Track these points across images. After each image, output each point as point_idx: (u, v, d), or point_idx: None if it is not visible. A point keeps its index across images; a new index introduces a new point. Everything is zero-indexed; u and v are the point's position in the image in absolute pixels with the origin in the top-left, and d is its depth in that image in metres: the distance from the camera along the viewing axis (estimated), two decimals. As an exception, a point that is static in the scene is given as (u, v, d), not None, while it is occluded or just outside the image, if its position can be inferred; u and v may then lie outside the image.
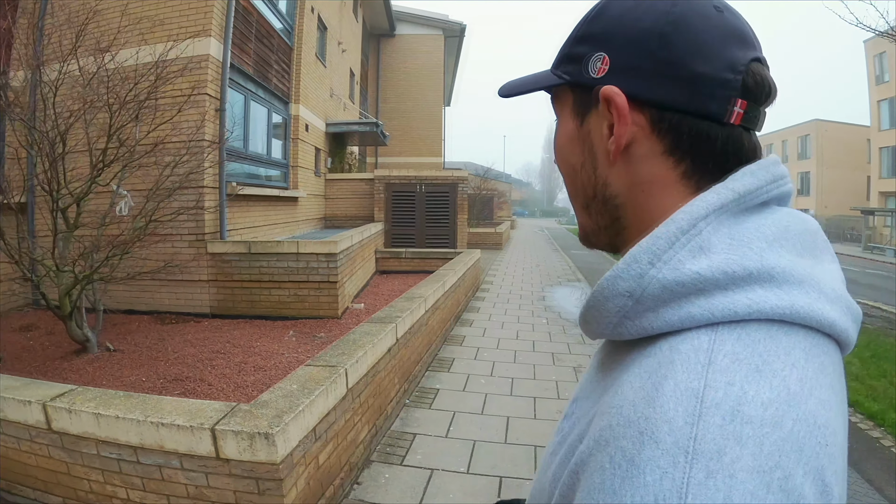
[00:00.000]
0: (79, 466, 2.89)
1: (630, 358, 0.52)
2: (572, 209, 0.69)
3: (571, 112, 0.64)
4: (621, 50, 0.57)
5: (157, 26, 6.78)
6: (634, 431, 0.43)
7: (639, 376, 0.47)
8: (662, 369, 0.46)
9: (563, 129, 0.65)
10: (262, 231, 9.04)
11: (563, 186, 16.07)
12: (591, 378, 0.63)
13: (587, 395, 0.60)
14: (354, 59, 17.32)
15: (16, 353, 4.99)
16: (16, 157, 5.16)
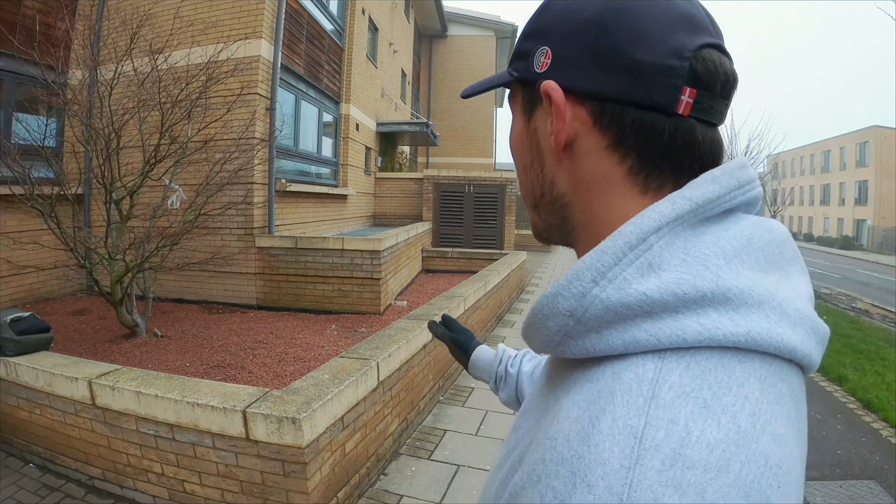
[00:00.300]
0: (118, 441, 3.06)
1: (573, 378, 0.48)
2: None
3: (522, 109, 0.61)
4: (561, 42, 0.54)
5: (209, 28, 7.05)
6: (567, 471, 0.40)
7: (577, 405, 0.44)
8: (601, 401, 0.42)
9: (515, 128, 0.63)
10: (310, 227, 9.25)
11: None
12: (539, 390, 0.60)
13: (533, 409, 0.57)
14: (406, 59, 17.50)
15: (68, 335, 5.29)
16: (73, 152, 5.45)
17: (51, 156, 4.79)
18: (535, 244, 21.11)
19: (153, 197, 5.75)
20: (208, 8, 7.21)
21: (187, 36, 6.62)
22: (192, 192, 5.64)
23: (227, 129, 5.95)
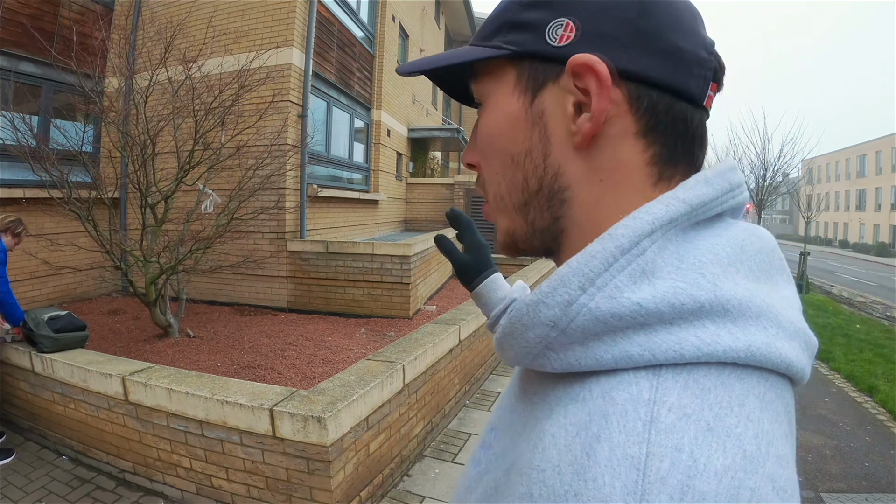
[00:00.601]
0: (149, 435, 3.16)
1: (554, 395, 0.44)
2: (486, 211, 0.59)
3: (516, 89, 0.51)
4: (594, 16, 0.48)
5: (242, 38, 7.22)
6: None
7: (565, 429, 0.39)
8: (594, 425, 0.38)
9: (500, 112, 0.53)
10: (341, 231, 9.36)
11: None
12: (510, 403, 0.55)
13: (506, 427, 0.52)
14: (438, 65, 17.56)
15: (102, 334, 5.47)
16: (110, 157, 5.64)
17: (88, 161, 4.96)
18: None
19: (187, 201, 5.91)
20: (240, 17, 7.38)
21: (220, 45, 6.80)
22: (225, 197, 5.77)
23: (259, 136, 6.08)
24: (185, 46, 5.53)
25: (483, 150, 0.55)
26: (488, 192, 0.56)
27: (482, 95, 0.55)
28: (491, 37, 0.53)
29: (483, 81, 0.55)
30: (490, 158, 0.54)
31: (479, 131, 0.56)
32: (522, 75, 0.51)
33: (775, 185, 15.20)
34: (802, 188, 24.61)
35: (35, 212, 5.77)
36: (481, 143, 0.55)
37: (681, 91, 0.47)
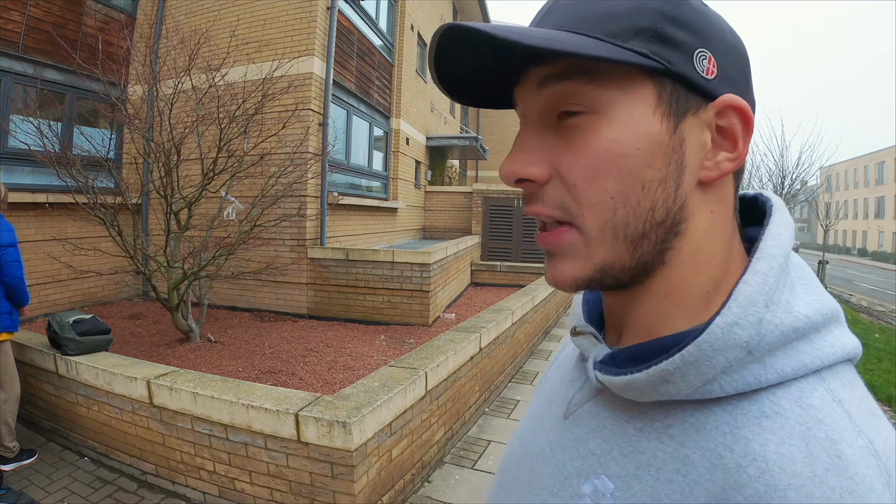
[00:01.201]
0: (173, 438, 3.18)
1: (701, 420, 0.44)
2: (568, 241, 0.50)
3: (657, 109, 0.46)
4: (725, 55, 0.47)
5: (264, 47, 7.31)
6: None
7: (789, 444, 0.39)
8: (819, 432, 0.39)
9: (637, 131, 0.46)
10: (360, 239, 9.41)
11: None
12: (617, 446, 0.50)
13: (632, 473, 0.47)
14: (456, 74, 17.64)
15: (124, 338, 5.53)
16: (134, 164, 5.72)
17: (112, 167, 5.03)
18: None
19: (210, 208, 5.98)
20: (262, 27, 7.48)
21: (243, 54, 6.88)
22: (247, 204, 5.83)
23: (281, 144, 6.14)
24: (210, 55, 5.62)
25: (593, 171, 0.47)
26: (587, 216, 0.48)
27: (599, 102, 0.47)
28: (627, 38, 0.45)
29: (604, 86, 0.46)
30: (607, 180, 0.46)
31: (598, 147, 0.47)
32: (665, 96, 0.46)
33: (794, 193, 15.01)
34: (821, 196, 24.29)
35: (58, 216, 5.88)
36: (592, 161, 0.47)
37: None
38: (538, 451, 0.59)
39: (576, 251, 0.49)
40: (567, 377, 0.62)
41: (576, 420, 0.55)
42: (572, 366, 0.62)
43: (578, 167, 0.47)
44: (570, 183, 0.48)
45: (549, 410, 0.62)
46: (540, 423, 0.62)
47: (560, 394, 0.61)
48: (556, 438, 0.57)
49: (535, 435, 0.62)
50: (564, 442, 0.55)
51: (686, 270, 0.48)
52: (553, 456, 0.56)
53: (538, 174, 0.49)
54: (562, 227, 0.49)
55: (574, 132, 0.48)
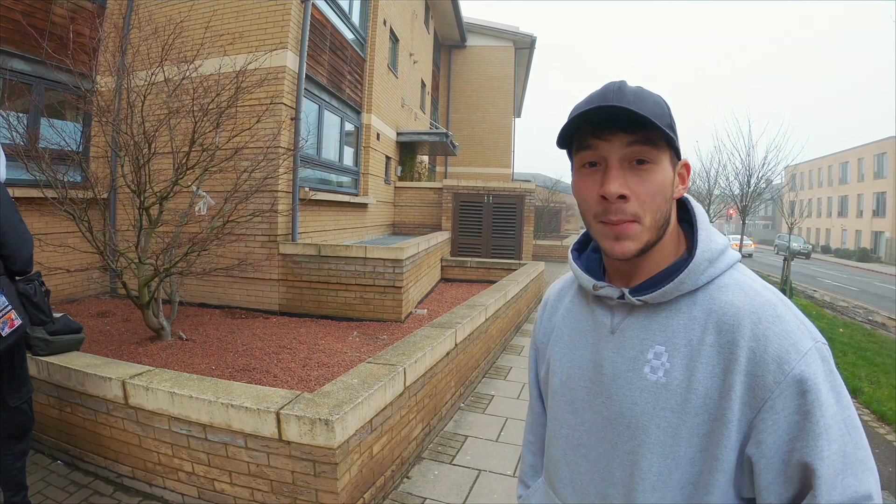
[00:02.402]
0: (150, 440, 3.12)
1: (693, 299, 0.90)
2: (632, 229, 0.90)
3: (670, 163, 0.91)
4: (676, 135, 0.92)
5: (238, 40, 7.18)
6: (800, 327, 0.83)
7: (735, 294, 0.87)
8: (743, 287, 0.88)
9: (667, 175, 0.90)
10: (331, 235, 9.34)
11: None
12: (656, 329, 0.92)
13: (668, 337, 0.90)
14: (426, 69, 17.64)
15: (93, 337, 5.38)
16: (105, 157, 5.58)
17: (81, 161, 4.89)
18: (554, 255, 21.05)
19: (181, 203, 5.86)
20: (236, 19, 7.35)
21: (217, 46, 6.76)
22: (219, 200, 5.73)
23: (254, 139, 6.06)
24: (183, 47, 5.50)
25: (654, 193, 0.88)
26: (646, 217, 0.89)
27: (655, 158, 0.89)
28: (667, 126, 0.87)
29: (658, 150, 0.89)
30: (657, 198, 0.89)
31: (656, 181, 0.89)
32: (673, 157, 0.92)
33: (759, 191, 15.35)
34: (786, 194, 24.95)
35: (25, 211, 5.66)
36: (657, 187, 0.89)
37: None
38: (602, 360, 0.97)
39: (638, 234, 0.89)
40: (588, 319, 1.04)
41: (623, 331, 0.96)
42: (589, 312, 1.04)
43: (648, 191, 0.89)
44: (642, 199, 0.88)
45: (587, 340, 1.02)
46: (582, 351, 1.03)
47: (589, 328, 1.03)
48: (613, 344, 0.96)
49: (583, 355, 1.02)
50: (622, 341, 0.95)
51: (668, 241, 0.95)
52: (616, 352, 0.95)
53: (630, 194, 0.88)
54: (630, 223, 0.88)
55: (645, 173, 0.89)
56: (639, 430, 0.89)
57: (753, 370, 0.79)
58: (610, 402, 0.94)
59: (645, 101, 0.87)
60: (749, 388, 0.79)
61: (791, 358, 0.78)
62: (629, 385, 0.92)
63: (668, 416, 0.86)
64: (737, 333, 0.82)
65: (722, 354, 0.83)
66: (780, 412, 0.77)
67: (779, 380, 0.77)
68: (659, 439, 0.87)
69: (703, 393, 0.83)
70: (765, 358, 0.79)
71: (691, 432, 0.84)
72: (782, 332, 0.80)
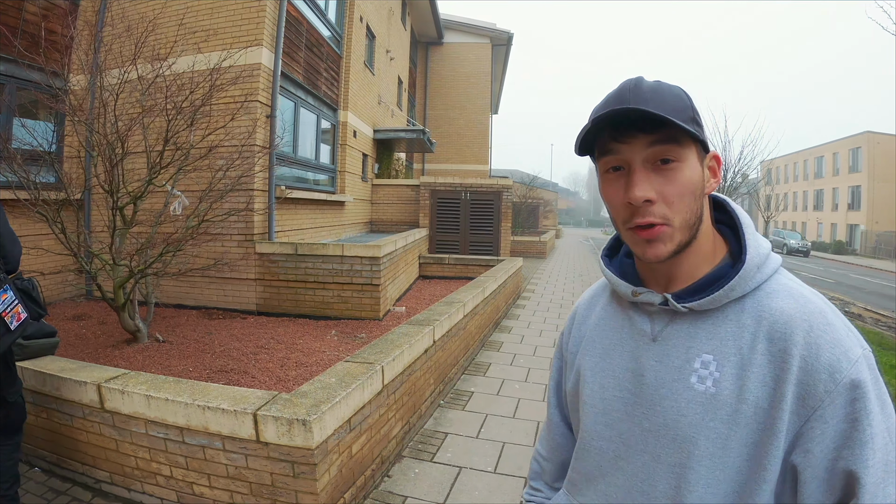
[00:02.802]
0: (127, 444, 3.09)
1: (740, 306, 0.87)
2: (662, 231, 0.87)
3: (697, 160, 0.88)
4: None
5: (212, 37, 7.11)
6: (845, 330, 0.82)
7: (785, 301, 0.85)
8: (792, 293, 0.86)
9: (695, 172, 0.88)
10: (308, 233, 9.30)
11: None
12: (703, 336, 0.89)
13: (716, 345, 0.87)
14: (402, 66, 17.60)
15: (69, 340, 5.30)
16: (77, 157, 5.48)
17: (54, 161, 4.81)
18: (531, 251, 21.19)
19: (156, 203, 5.80)
20: (210, 16, 7.26)
21: (190, 44, 6.68)
22: (195, 199, 5.68)
23: (229, 137, 6.00)
24: (156, 45, 5.43)
25: (682, 193, 0.86)
26: (675, 218, 0.86)
27: (681, 156, 0.86)
28: (688, 122, 0.85)
29: (683, 147, 0.86)
30: (685, 198, 0.86)
31: (683, 181, 0.86)
32: (699, 152, 0.89)
33: (735, 185, 15.61)
34: (762, 189, 25.36)
35: (-5, 213, 5.56)
36: (684, 187, 0.86)
37: None
38: (643, 370, 0.94)
39: (668, 238, 0.87)
40: (625, 326, 1.01)
41: (665, 338, 0.93)
42: (625, 320, 1.01)
43: (675, 192, 0.86)
44: (669, 200, 0.86)
45: (624, 349, 0.99)
46: (618, 360, 1.00)
47: (626, 336, 0.99)
48: (655, 353, 0.93)
49: (620, 364, 0.99)
50: (665, 350, 0.92)
51: (703, 241, 0.92)
52: (659, 361, 0.92)
53: (655, 197, 0.85)
54: (660, 226, 0.86)
55: (671, 172, 0.86)
56: (686, 441, 0.86)
57: (805, 379, 0.78)
58: (652, 413, 0.91)
59: (664, 97, 0.85)
60: (799, 397, 0.78)
61: (842, 367, 0.76)
62: (674, 395, 0.89)
63: (719, 427, 0.83)
64: (789, 342, 0.80)
65: (773, 363, 0.81)
66: (830, 421, 0.76)
67: (830, 389, 0.76)
68: (708, 451, 0.84)
69: (754, 402, 0.81)
70: (817, 367, 0.78)
71: (741, 442, 0.82)
72: (834, 340, 0.78)
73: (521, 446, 4.17)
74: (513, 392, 5.36)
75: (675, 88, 0.89)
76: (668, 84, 0.89)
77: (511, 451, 4.06)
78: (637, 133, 0.85)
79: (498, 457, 3.97)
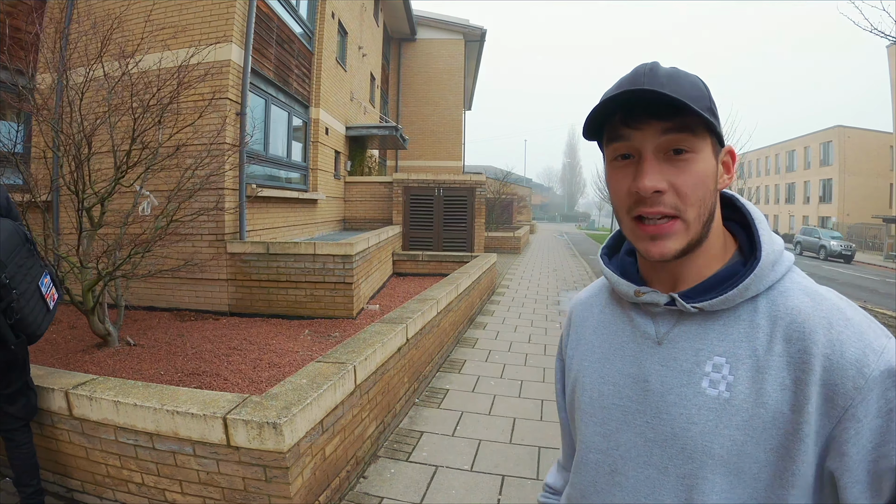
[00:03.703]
0: (97, 451, 3.04)
1: (753, 305, 0.83)
2: (673, 227, 0.83)
3: (712, 152, 0.83)
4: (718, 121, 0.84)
5: (180, 33, 6.99)
6: (872, 326, 0.76)
7: (800, 298, 0.81)
8: (808, 291, 0.82)
9: (709, 165, 0.83)
10: (281, 232, 9.22)
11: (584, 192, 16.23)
12: (714, 338, 0.84)
13: (731, 352, 0.82)
14: (375, 63, 17.51)
15: (38, 346, 5.17)
16: (43, 158, 5.36)
17: (20, 162, 4.70)
18: (506, 246, 21.27)
19: (123, 203, 5.69)
20: (178, 11, 7.15)
21: (158, 41, 6.56)
22: (163, 199, 5.59)
23: (198, 135, 5.92)
24: (123, 41, 5.32)
25: (695, 185, 0.81)
26: (688, 212, 0.81)
27: (695, 147, 0.81)
28: (706, 110, 0.79)
29: (698, 137, 0.81)
30: (698, 190, 0.81)
31: (697, 172, 0.81)
32: (714, 144, 0.84)
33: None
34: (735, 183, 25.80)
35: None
36: (698, 179, 0.81)
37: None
38: (647, 375, 0.88)
39: (679, 233, 0.82)
40: (626, 329, 0.95)
41: (672, 341, 0.87)
42: (626, 322, 0.95)
43: (688, 184, 0.81)
44: (682, 193, 0.81)
45: (625, 353, 0.93)
46: (618, 365, 0.93)
47: (628, 340, 0.93)
48: (660, 357, 0.88)
49: (620, 369, 0.93)
50: (672, 353, 0.87)
51: (713, 239, 0.87)
52: (666, 365, 0.87)
53: (666, 188, 0.80)
54: (671, 221, 0.82)
55: (684, 163, 0.81)
56: (697, 451, 0.80)
57: (831, 379, 0.73)
58: (658, 422, 0.85)
59: (681, 83, 0.79)
60: (827, 398, 0.73)
61: (870, 360, 0.72)
62: (683, 402, 0.83)
63: (734, 434, 0.78)
64: (808, 341, 0.75)
65: (792, 364, 0.76)
66: (864, 419, 0.71)
67: (859, 385, 0.71)
68: (723, 459, 0.78)
69: (774, 407, 0.76)
70: (843, 364, 0.73)
71: (759, 448, 0.77)
72: (856, 334, 0.74)
73: (498, 443, 4.19)
74: (488, 389, 5.39)
75: (692, 76, 0.83)
76: (686, 71, 0.84)
77: (487, 449, 4.09)
78: (650, 119, 0.80)
79: (474, 455, 3.99)
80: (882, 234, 35.76)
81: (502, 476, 3.70)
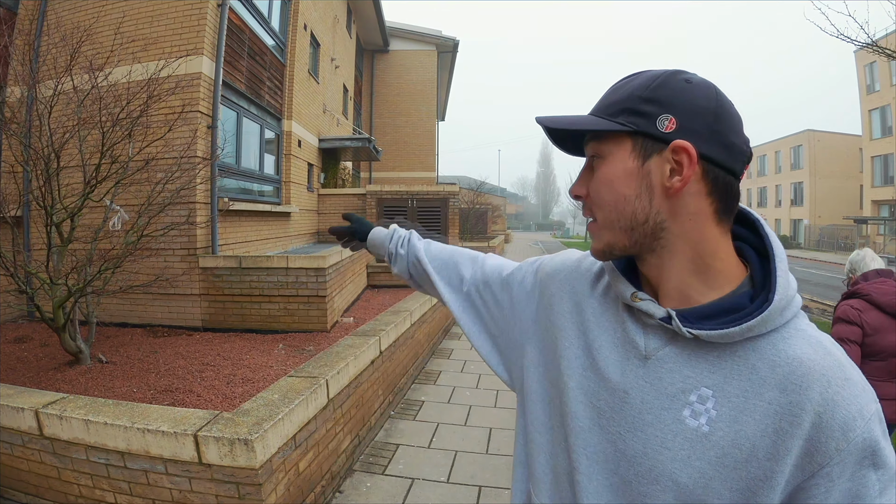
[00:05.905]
0: (69, 471, 3.01)
1: (754, 345, 0.78)
2: (593, 228, 0.88)
3: (632, 154, 0.82)
4: (686, 116, 0.79)
5: (151, 45, 6.94)
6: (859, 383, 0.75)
7: (803, 347, 0.77)
8: (811, 340, 0.78)
9: (618, 167, 0.83)
10: (254, 246, 9.15)
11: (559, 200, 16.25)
12: (705, 369, 0.80)
13: (721, 384, 0.78)
14: (348, 74, 17.53)
15: (10, 364, 5.07)
16: (12, 172, 5.27)
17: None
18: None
19: (94, 218, 5.61)
20: (149, 24, 7.09)
21: (128, 53, 6.51)
22: (134, 213, 5.53)
23: (168, 149, 5.88)
24: (93, 54, 5.27)
25: (602, 189, 0.84)
26: (598, 215, 0.86)
27: (603, 152, 0.84)
28: (616, 115, 0.82)
29: (606, 142, 0.84)
30: (607, 195, 0.84)
31: (601, 176, 0.85)
32: (637, 145, 0.81)
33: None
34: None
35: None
36: (602, 184, 0.84)
37: (730, 170, 0.80)
38: (628, 387, 0.85)
39: (597, 233, 0.87)
40: (617, 330, 0.90)
41: (659, 359, 0.83)
42: (618, 323, 0.90)
43: (594, 188, 0.86)
44: (592, 197, 0.87)
45: (610, 355, 0.88)
46: (605, 365, 0.89)
47: (617, 342, 0.89)
48: (644, 372, 0.84)
49: (603, 368, 0.89)
50: (657, 373, 0.83)
51: (679, 254, 0.82)
52: (649, 383, 0.83)
53: (581, 193, 0.89)
54: (592, 223, 0.87)
55: (596, 169, 0.85)
56: (664, 476, 0.80)
57: (816, 436, 0.73)
58: (631, 437, 0.84)
59: (616, 91, 0.84)
60: (807, 452, 0.73)
61: (857, 425, 0.72)
62: (660, 424, 0.82)
63: (704, 468, 0.77)
64: (803, 396, 0.74)
65: (781, 415, 0.74)
66: (836, 480, 0.72)
67: (841, 448, 0.72)
68: (688, 489, 0.78)
69: (749, 450, 0.75)
70: (831, 425, 0.72)
71: (724, 486, 0.76)
72: (851, 396, 0.74)
73: (474, 454, 4.22)
74: (464, 399, 5.42)
75: (640, 77, 0.84)
76: (640, 73, 0.85)
77: (464, 460, 4.11)
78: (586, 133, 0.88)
79: (451, 466, 4.01)
80: (853, 234, 36.77)
81: (479, 487, 3.73)
